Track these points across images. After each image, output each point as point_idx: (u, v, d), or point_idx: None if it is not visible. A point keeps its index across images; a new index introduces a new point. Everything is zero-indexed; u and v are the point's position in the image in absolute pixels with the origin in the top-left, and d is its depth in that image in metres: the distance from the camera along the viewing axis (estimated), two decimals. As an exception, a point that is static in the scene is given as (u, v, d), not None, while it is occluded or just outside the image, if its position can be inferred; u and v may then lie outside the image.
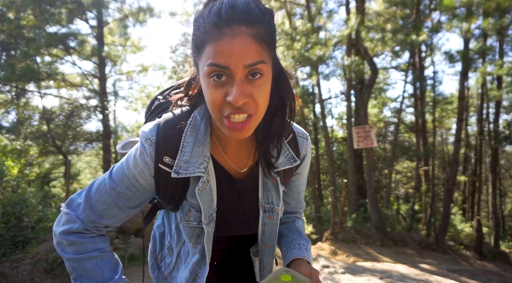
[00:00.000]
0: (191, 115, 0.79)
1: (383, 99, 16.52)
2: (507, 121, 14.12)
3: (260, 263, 0.98)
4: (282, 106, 0.79)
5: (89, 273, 0.78)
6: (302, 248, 0.95)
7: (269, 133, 0.81)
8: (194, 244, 0.87)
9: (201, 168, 0.77)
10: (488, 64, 8.89)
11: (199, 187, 0.78)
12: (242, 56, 0.62)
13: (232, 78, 0.64)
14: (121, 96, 15.07)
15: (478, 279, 4.67)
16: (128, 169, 0.77)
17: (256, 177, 0.88)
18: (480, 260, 8.17)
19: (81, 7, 10.50)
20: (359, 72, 8.04)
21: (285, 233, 1.03)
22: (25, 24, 9.85)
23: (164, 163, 0.76)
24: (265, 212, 0.90)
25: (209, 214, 0.82)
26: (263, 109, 0.70)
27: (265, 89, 0.68)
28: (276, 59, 0.74)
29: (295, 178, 0.97)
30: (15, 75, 9.33)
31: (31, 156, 10.11)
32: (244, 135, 0.70)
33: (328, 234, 7.25)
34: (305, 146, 0.91)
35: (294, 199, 1.02)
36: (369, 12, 8.72)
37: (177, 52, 15.61)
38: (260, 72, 0.65)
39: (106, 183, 0.78)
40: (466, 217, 14.37)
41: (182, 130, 0.77)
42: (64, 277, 3.72)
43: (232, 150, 0.84)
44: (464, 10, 7.02)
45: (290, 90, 0.79)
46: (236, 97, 0.62)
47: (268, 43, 0.66)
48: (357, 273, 4.09)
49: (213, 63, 0.63)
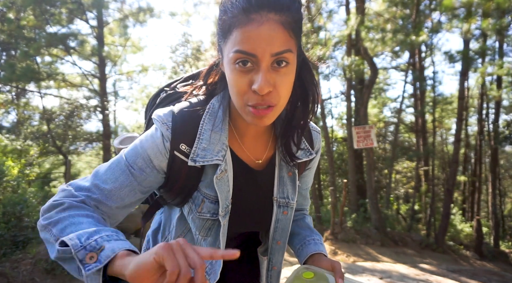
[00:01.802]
0: (208, 104, 0.77)
1: (383, 99, 16.52)
2: (507, 121, 14.10)
3: (269, 263, 0.92)
4: (305, 98, 0.77)
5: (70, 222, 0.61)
6: (317, 243, 0.93)
7: (291, 124, 0.79)
8: (204, 236, 0.81)
9: (219, 156, 0.74)
10: (488, 64, 8.88)
11: (217, 176, 0.74)
12: (269, 43, 0.61)
13: (258, 66, 0.63)
14: (121, 96, 15.10)
15: (478, 279, 4.68)
16: (143, 149, 0.72)
17: (273, 170, 0.85)
18: (480, 260, 8.18)
19: (81, 7, 10.50)
20: (359, 72, 8.05)
21: (297, 231, 1.00)
22: (25, 24, 9.84)
23: (180, 150, 0.73)
24: (279, 207, 0.86)
25: (225, 205, 0.78)
26: (285, 100, 0.68)
27: (289, 79, 0.67)
28: (301, 48, 0.72)
29: (306, 173, 0.95)
30: (15, 75, 9.32)
31: (31, 156, 10.12)
32: (266, 123, 0.68)
33: (328, 234, 7.25)
34: (318, 140, 0.90)
35: (302, 196, 1.01)
36: (369, 12, 8.72)
37: (177, 52, 15.64)
38: (286, 60, 0.64)
39: (121, 161, 0.72)
40: (466, 217, 14.36)
41: (199, 118, 0.75)
42: (64, 277, 3.72)
43: (250, 140, 0.81)
44: (464, 10, 7.02)
45: (313, 82, 0.77)
46: (262, 86, 0.61)
47: (295, 31, 0.65)
48: (357, 273, 4.09)
49: (239, 50, 0.61)
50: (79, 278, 0.57)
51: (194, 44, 15.55)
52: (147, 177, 0.72)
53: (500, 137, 12.07)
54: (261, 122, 0.68)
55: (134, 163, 0.71)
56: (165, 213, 0.97)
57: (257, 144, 0.83)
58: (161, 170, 0.74)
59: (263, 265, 0.93)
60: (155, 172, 0.73)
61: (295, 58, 0.67)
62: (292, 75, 0.67)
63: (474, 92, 13.77)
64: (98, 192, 0.69)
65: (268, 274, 0.93)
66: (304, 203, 1.05)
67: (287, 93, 0.68)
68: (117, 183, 0.70)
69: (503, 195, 17.04)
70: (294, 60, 0.66)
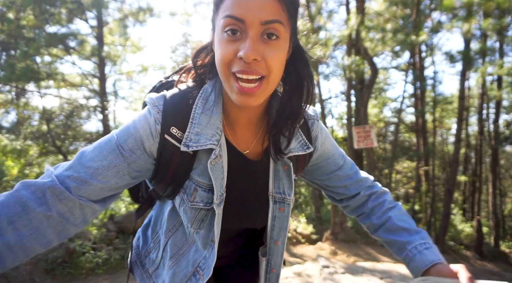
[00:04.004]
0: (201, 89, 0.74)
1: (383, 99, 16.49)
2: (507, 121, 14.11)
3: (268, 265, 0.86)
4: (299, 89, 0.74)
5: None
6: (423, 250, 0.78)
7: (283, 115, 0.75)
8: (196, 229, 0.77)
9: (213, 140, 0.70)
10: (489, 64, 8.88)
11: (212, 161, 0.70)
12: (259, 10, 0.59)
13: (246, 34, 0.61)
14: (121, 96, 15.07)
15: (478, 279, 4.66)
16: (136, 129, 0.68)
17: (268, 162, 0.80)
18: (480, 260, 8.17)
19: (81, 7, 10.49)
20: (359, 72, 8.03)
21: (390, 239, 0.85)
22: (25, 24, 9.84)
23: (171, 134, 0.69)
24: (275, 203, 0.81)
25: (220, 193, 0.73)
26: (276, 75, 0.65)
27: (280, 54, 0.64)
28: (296, 32, 0.70)
29: (318, 163, 0.88)
30: (15, 75, 9.31)
31: (31, 155, 10.11)
32: (253, 103, 0.65)
33: (328, 234, 7.24)
34: (315, 127, 0.84)
35: (338, 180, 0.90)
36: (369, 12, 8.71)
37: (177, 52, 15.64)
38: (276, 33, 0.62)
39: (111, 139, 0.68)
40: (466, 217, 14.35)
41: (192, 103, 0.72)
42: (64, 277, 3.71)
43: (241, 129, 0.78)
44: (464, 10, 7.01)
45: (308, 72, 0.74)
46: (247, 52, 0.59)
47: (288, 7, 0.63)
48: (357, 273, 4.08)
49: (228, 15, 0.60)
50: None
51: (194, 44, 15.55)
52: (136, 159, 0.68)
53: (501, 137, 12.08)
54: (248, 101, 0.64)
55: (125, 143, 0.68)
56: (157, 208, 0.93)
57: (249, 132, 0.79)
58: (151, 155, 0.70)
59: (262, 267, 0.87)
60: (146, 155, 0.69)
61: (287, 35, 0.65)
62: (283, 52, 0.65)
63: (475, 92, 13.76)
64: (82, 170, 0.65)
65: (266, 277, 0.87)
66: (352, 185, 0.91)
67: (277, 68, 0.64)
68: (105, 161, 0.66)
69: (503, 195, 17.03)
70: (286, 36, 0.64)
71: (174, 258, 0.83)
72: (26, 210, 0.61)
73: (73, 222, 0.66)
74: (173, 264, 0.83)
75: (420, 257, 0.78)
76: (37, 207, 0.61)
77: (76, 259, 3.93)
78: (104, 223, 4.94)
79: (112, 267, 4.06)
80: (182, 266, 0.82)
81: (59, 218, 0.63)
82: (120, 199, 6.21)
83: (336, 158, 0.91)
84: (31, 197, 0.61)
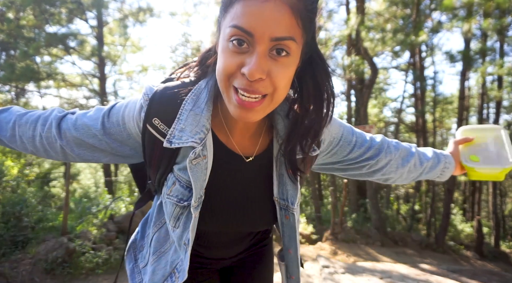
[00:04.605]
0: (196, 85, 0.71)
1: (383, 99, 16.50)
2: (507, 121, 14.11)
3: (287, 271, 0.85)
4: (319, 100, 0.68)
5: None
6: (435, 159, 1.03)
7: (299, 130, 0.69)
8: (172, 226, 0.74)
9: (195, 138, 0.65)
10: (489, 64, 8.87)
11: (192, 160, 0.66)
12: (271, 25, 0.53)
13: (254, 48, 0.55)
14: (121, 96, 15.06)
15: (479, 279, 4.66)
16: (127, 108, 0.73)
17: (268, 165, 0.76)
18: (480, 260, 8.16)
19: (81, 7, 10.49)
20: (359, 72, 8.03)
21: (412, 172, 0.97)
22: (25, 24, 9.84)
23: (152, 124, 0.67)
24: (281, 209, 0.77)
25: (199, 195, 0.70)
26: (281, 94, 0.60)
27: (288, 72, 0.58)
28: (312, 45, 0.64)
29: (333, 151, 0.82)
30: (15, 75, 9.31)
31: (31, 155, 10.10)
32: (252, 119, 0.60)
33: (328, 234, 7.24)
34: (325, 131, 0.78)
35: (365, 147, 0.84)
36: (369, 12, 8.71)
37: (177, 52, 15.64)
38: (287, 50, 0.56)
39: (105, 108, 0.76)
40: (467, 217, 14.35)
41: (183, 99, 0.68)
42: (64, 277, 3.71)
43: (239, 130, 0.73)
44: (464, 10, 7.01)
45: (329, 82, 0.67)
46: (252, 70, 0.53)
47: (304, 21, 0.57)
48: (357, 273, 4.08)
49: (236, 25, 0.54)
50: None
51: (194, 44, 15.55)
52: (117, 136, 0.74)
53: (501, 137, 12.03)
54: (245, 116, 0.59)
55: (113, 116, 0.74)
56: (154, 202, 0.92)
57: (249, 135, 0.75)
58: (132, 136, 0.74)
59: (282, 271, 0.88)
60: (126, 133, 0.74)
61: (299, 52, 0.59)
62: (292, 69, 0.59)
63: (475, 92, 13.76)
64: (73, 118, 0.76)
65: (288, 282, 0.87)
66: (370, 144, 0.85)
67: (283, 86, 0.59)
68: (91, 121, 0.74)
69: (503, 194, 17.02)
70: (297, 52, 0.59)
71: (156, 255, 0.83)
72: (33, 133, 0.79)
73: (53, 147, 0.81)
74: (154, 261, 0.83)
75: (436, 161, 1.06)
76: (38, 133, 0.79)
77: (76, 259, 3.93)
78: (104, 223, 4.93)
79: (112, 267, 4.06)
80: (161, 264, 0.81)
81: (46, 141, 0.79)
82: (120, 199, 6.21)
83: (346, 136, 0.82)
84: (42, 128, 0.78)
